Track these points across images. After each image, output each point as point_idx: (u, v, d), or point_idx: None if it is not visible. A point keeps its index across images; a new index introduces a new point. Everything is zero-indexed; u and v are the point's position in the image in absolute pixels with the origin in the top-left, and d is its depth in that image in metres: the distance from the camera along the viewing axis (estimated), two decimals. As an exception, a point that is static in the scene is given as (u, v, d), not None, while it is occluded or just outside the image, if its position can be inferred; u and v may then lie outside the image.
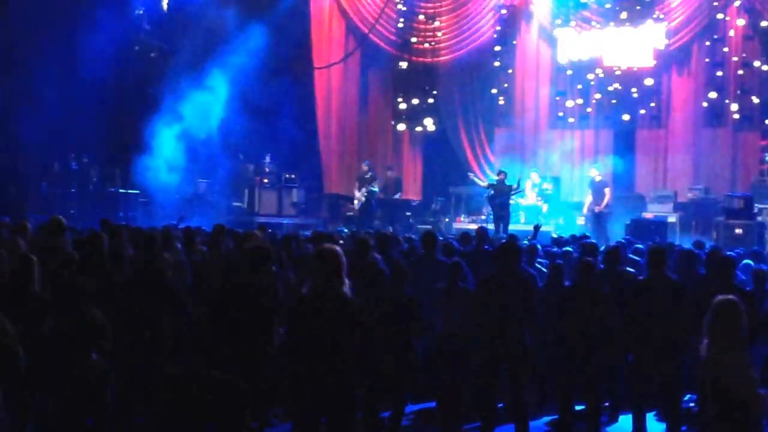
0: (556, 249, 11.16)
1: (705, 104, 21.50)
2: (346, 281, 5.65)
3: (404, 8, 23.43)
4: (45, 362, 5.91)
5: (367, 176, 19.87)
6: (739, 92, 21.24)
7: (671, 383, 7.46)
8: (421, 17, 23.61)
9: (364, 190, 19.63)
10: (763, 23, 20.91)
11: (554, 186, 21.12)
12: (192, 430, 3.69)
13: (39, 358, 5.87)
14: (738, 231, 16.58)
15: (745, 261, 9.78)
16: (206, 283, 8.31)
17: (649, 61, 21.65)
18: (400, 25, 23.46)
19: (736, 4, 21.13)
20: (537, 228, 12.26)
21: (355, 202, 19.95)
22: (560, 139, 22.97)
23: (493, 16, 23.00)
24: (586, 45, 22.19)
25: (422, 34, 23.62)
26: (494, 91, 23.39)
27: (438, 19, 23.54)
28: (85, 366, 5.80)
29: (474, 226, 15.33)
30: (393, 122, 24.19)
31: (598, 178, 18.78)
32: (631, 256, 10.05)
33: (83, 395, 5.82)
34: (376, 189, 19.80)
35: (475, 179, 20.03)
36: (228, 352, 5.77)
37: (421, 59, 23.70)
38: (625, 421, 8.06)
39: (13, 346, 5.42)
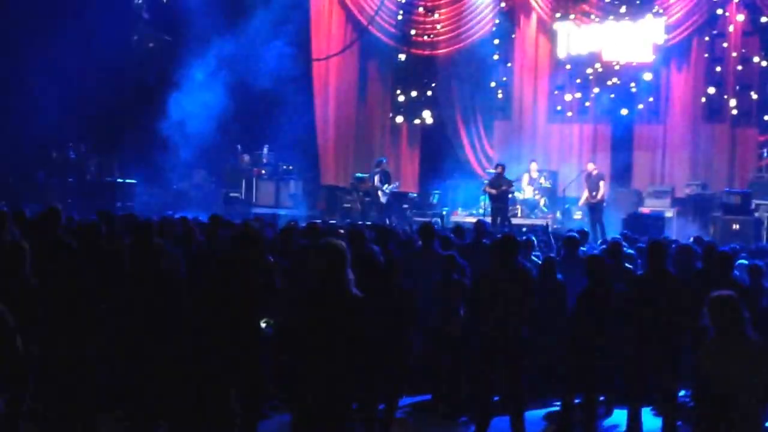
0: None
1: (703, 100, 21.47)
2: (351, 277, 5.48)
3: (403, 0, 23.39)
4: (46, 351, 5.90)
5: (387, 172, 19.98)
6: (737, 88, 21.20)
7: (668, 378, 7.46)
8: (421, 10, 23.56)
9: (387, 186, 19.66)
10: (763, 19, 20.87)
11: (552, 180, 21.10)
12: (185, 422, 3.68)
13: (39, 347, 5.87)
14: (735, 227, 16.58)
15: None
16: (203, 273, 8.27)
17: (648, 56, 21.60)
18: (400, 17, 23.40)
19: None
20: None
21: (381, 196, 19.80)
22: (558, 133, 22.96)
23: (493, 10, 22.94)
24: (585, 39, 22.14)
25: (421, 26, 23.58)
26: (493, 84, 23.33)
27: (437, 11, 23.49)
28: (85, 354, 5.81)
29: (471, 219, 15.30)
30: (391, 115, 24.16)
31: (594, 172, 18.76)
32: (627, 251, 10.04)
33: (80, 384, 5.82)
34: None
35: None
36: (220, 335, 5.72)
37: (420, 52, 23.65)
38: (621, 415, 8.06)
39: (12, 338, 5.40)
